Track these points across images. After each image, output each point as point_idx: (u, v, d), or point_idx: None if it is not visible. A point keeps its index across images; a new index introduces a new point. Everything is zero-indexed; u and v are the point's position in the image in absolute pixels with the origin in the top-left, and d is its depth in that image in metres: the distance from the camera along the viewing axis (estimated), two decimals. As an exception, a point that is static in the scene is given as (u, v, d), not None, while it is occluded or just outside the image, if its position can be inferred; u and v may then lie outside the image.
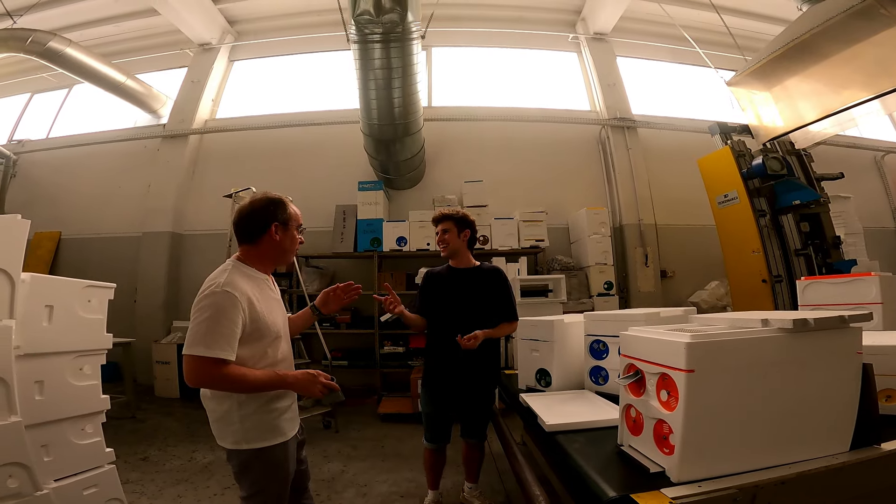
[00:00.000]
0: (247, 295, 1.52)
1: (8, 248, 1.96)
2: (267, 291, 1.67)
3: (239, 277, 1.56)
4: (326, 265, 6.02)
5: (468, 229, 2.66)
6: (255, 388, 1.50)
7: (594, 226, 5.74)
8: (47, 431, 2.06)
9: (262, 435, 1.55)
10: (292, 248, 1.72)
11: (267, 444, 1.55)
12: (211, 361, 1.40)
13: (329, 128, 6.63)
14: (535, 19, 7.35)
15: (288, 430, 1.63)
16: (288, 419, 1.63)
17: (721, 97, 7.13)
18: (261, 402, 1.55)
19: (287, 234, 1.69)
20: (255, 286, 1.60)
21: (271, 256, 1.70)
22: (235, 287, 1.50)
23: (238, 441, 1.53)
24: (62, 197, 6.97)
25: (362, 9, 3.88)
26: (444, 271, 2.72)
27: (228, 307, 1.46)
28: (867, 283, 2.49)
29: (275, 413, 1.58)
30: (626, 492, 1.15)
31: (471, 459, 2.72)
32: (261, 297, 1.60)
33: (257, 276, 1.65)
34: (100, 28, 7.21)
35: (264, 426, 1.56)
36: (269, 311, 1.61)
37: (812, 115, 4.49)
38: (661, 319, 2.11)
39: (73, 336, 2.25)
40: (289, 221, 1.69)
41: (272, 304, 1.66)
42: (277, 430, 1.58)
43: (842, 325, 1.27)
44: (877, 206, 7.44)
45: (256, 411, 1.54)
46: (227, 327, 1.44)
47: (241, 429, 1.53)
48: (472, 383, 2.56)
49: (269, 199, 1.67)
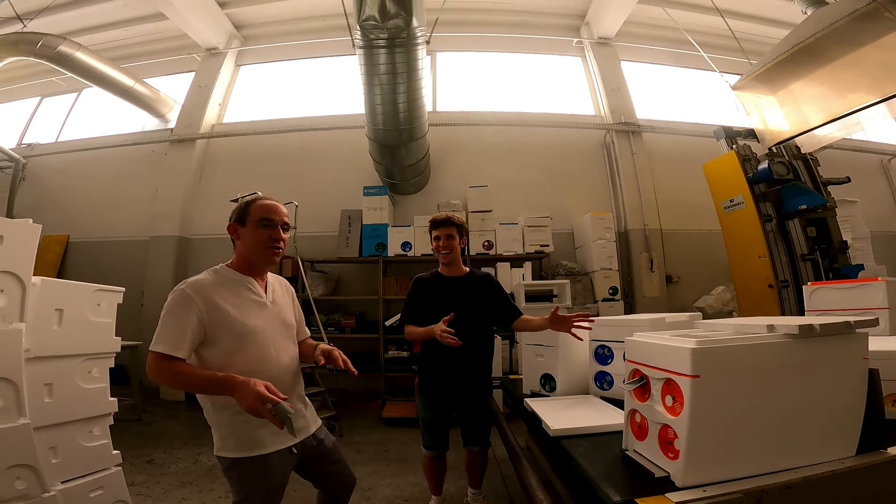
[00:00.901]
0: (207, 294, 1.53)
1: (19, 252, 1.98)
2: (245, 293, 1.65)
3: (209, 277, 1.59)
4: (331, 270, 6.04)
5: (465, 237, 2.65)
6: (196, 385, 1.46)
7: (599, 231, 5.72)
8: (56, 433, 2.08)
9: (237, 444, 1.53)
10: (257, 245, 1.65)
11: (242, 454, 1.52)
12: (157, 357, 1.43)
13: (334, 132, 6.66)
14: (539, 24, 7.37)
15: (268, 442, 1.56)
16: (270, 431, 1.53)
17: (726, 101, 7.11)
18: (234, 410, 1.47)
19: (246, 231, 1.66)
20: (229, 287, 1.61)
21: (244, 256, 1.69)
22: (195, 285, 1.53)
23: (218, 448, 1.55)
24: (71, 200, 7.04)
25: (367, 14, 3.90)
26: (434, 278, 2.65)
27: (179, 304, 1.49)
28: (874, 288, 2.48)
29: (251, 424, 1.51)
30: (630, 496, 1.15)
31: (474, 466, 2.67)
32: (232, 297, 1.59)
33: (237, 276, 1.66)
34: (109, 32, 7.30)
35: (239, 436, 1.53)
36: (243, 312, 1.59)
37: (818, 119, 4.47)
38: (666, 325, 2.11)
39: (83, 339, 2.27)
40: (246, 218, 1.66)
41: (249, 304, 1.63)
42: (254, 441, 1.54)
43: (848, 330, 1.27)
44: (884, 210, 7.38)
45: (231, 420, 1.52)
46: (176, 324, 1.46)
47: (220, 436, 1.54)
48: (468, 388, 2.51)
49: (239, 202, 1.72)
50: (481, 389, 2.56)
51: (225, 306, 1.55)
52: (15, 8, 6.02)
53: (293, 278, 5.32)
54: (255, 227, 1.65)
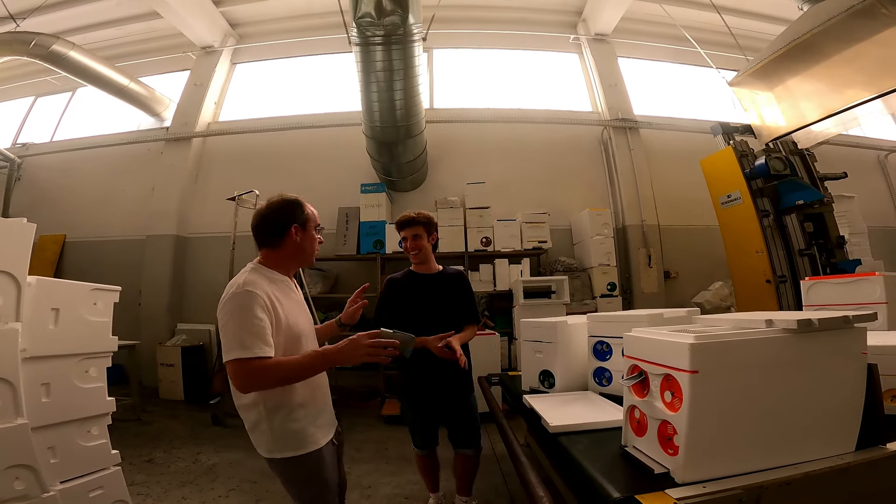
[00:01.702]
0: (268, 294, 1.50)
1: (14, 251, 1.97)
2: (289, 293, 1.65)
3: (259, 278, 1.54)
4: (329, 268, 6.03)
5: (435, 233, 2.63)
6: (300, 373, 1.45)
7: (597, 227, 5.73)
8: (54, 433, 2.07)
9: (292, 444, 1.52)
10: (312, 248, 1.71)
11: (298, 452, 1.52)
12: (251, 362, 1.36)
13: (331, 130, 6.65)
14: (536, 21, 7.36)
15: (320, 437, 1.59)
16: (320, 426, 1.60)
17: (723, 97, 7.12)
18: (287, 410, 1.51)
19: (307, 235, 1.67)
20: (277, 288, 1.58)
21: (292, 258, 1.68)
22: (256, 286, 1.48)
23: (271, 450, 1.52)
24: (67, 200, 7.01)
25: (363, 11, 3.89)
26: (406, 277, 2.65)
27: (252, 305, 1.43)
28: (872, 283, 2.48)
29: (303, 421, 1.54)
30: (630, 493, 1.15)
31: (463, 471, 2.62)
32: (283, 298, 1.58)
33: (278, 278, 1.63)
34: (102, 31, 7.25)
35: (294, 435, 1.53)
36: (292, 312, 1.59)
37: (814, 114, 4.48)
38: (664, 320, 2.11)
39: (79, 339, 2.26)
40: (307, 222, 1.67)
41: (294, 305, 1.65)
42: (308, 438, 1.55)
43: (846, 325, 1.27)
44: (881, 205, 7.41)
45: (285, 420, 1.51)
46: (257, 325, 1.41)
47: (272, 438, 1.51)
48: (447, 388, 2.49)
49: (287, 201, 1.66)
50: (461, 388, 2.54)
51: (282, 308, 1.54)
52: (8, 7, 5.98)
53: (292, 276, 5.31)
54: (314, 232, 1.70)
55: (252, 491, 3.10)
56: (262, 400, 1.50)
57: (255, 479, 3.25)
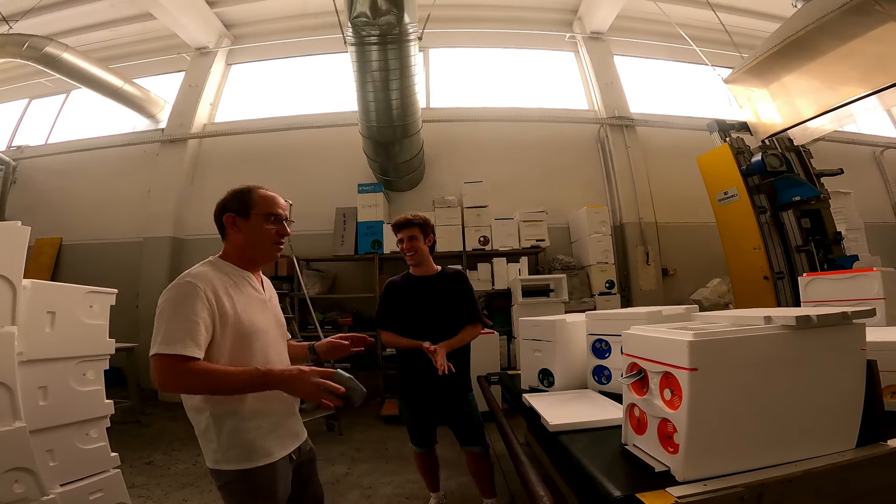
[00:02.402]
0: (213, 286, 1.39)
1: (8, 254, 1.96)
2: (247, 289, 1.51)
3: (210, 270, 1.44)
4: (327, 268, 6.02)
5: (432, 234, 2.62)
6: (230, 385, 1.28)
7: (594, 225, 5.74)
8: (52, 436, 2.07)
9: (242, 455, 1.38)
10: (260, 240, 1.52)
11: (248, 465, 1.37)
12: (172, 359, 1.23)
13: (328, 130, 6.63)
14: (532, 19, 7.36)
15: (275, 449, 1.44)
16: (276, 437, 1.45)
17: (719, 95, 7.12)
18: (238, 418, 1.38)
19: (248, 224, 1.51)
20: (230, 281, 1.47)
21: (242, 251, 1.54)
22: (201, 278, 1.38)
23: (218, 460, 1.38)
24: (63, 203, 6.98)
25: (359, 11, 3.88)
26: (405, 280, 2.65)
27: (189, 298, 1.32)
28: (869, 279, 2.49)
29: (259, 431, 1.40)
30: (631, 491, 1.14)
31: (478, 471, 2.58)
32: (236, 292, 1.46)
33: (235, 272, 1.51)
34: (96, 33, 7.21)
35: (245, 445, 1.38)
36: (246, 308, 1.45)
37: (810, 111, 4.49)
38: (663, 318, 2.11)
39: (76, 342, 2.26)
40: (250, 210, 1.51)
41: (251, 301, 1.50)
42: (261, 450, 1.40)
43: (845, 321, 1.27)
44: (877, 201, 7.44)
45: (236, 428, 1.38)
46: (189, 319, 1.28)
47: (220, 447, 1.37)
48: (445, 389, 2.47)
49: (234, 190, 1.56)
50: (459, 388, 2.53)
51: (232, 303, 1.42)
52: (0, 9, 5.94)
53: (289, 277, 5.30)
54: (262, 222, 1.52)
55: (252, 493, 3.09)
56: (209, 405, 1.37)
57: (255, 480, 3.24)
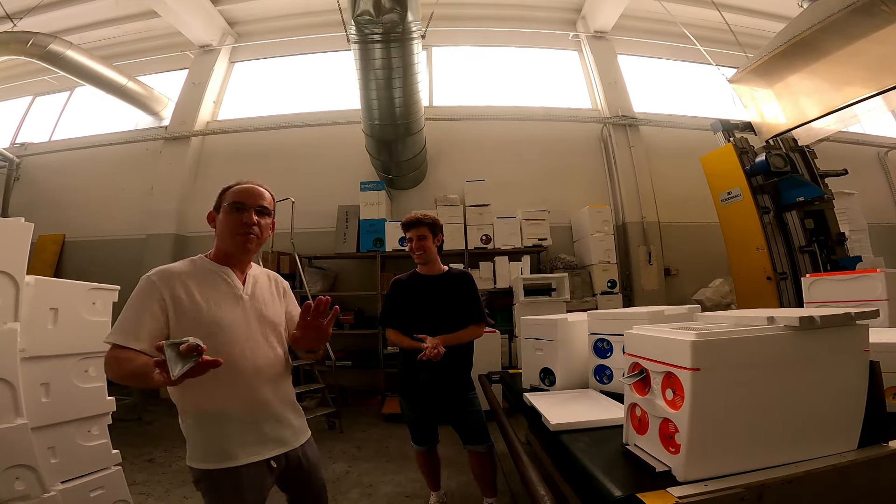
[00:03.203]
0: (174, 282, 1.42)
1: (12, 251, 1.97)
2: (220, 285, 1.51)
3: (180, 265, 1.50)
4: (329, 266, 6.03)
5: (440, 234, 2.62)
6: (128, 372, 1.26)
7: (597, 224, 5.72)
8: (54, 433, 2.07)
9: (204, 454, 1.40)
10: (227, 231, 1.51)
11: (209, 465, 1.39)
12: (111, 348, 1.31)
13: (331, 128, 6.63)
14: (536, 18, 7.34)
15: (240, 454, 1.41)
16: (241, 442, 1.42)
17: (723, 94, 7.10)
18: (200, 417, 1.41)
19: (220, 218, 1.54)
20: (203, 277, 1.49)
21: (218, 245, 1.56)
22: (163, 273, 1.43)
23: (189, 457, 1.42)
24: (66, 199, 6.99)
25: (362, 9, 3.88)
26: (412, 278, 2.65)
27: (142, 292, 1.39)
28: (873, 280, 2.48)
29: (219, 432, 1.40)
30: (632, 491, 1.14)
31: (481, 470, 2.57)
32: (204, 287, 1.46)
33: (213, 267, 1.53)
34: (100, 30, 7.23)
35: (205, 445, 1.40)
36: (216, 303, 1.46)
37: (814, 111, 4.47)
38: (665, 318, 2.10)
39: (78, 338, 2.26)
40: (222, 203, 1.54)
41: (222, 298, 1.49)
42: (224, 453, 1.39)
43: (848, 322, 1.27)
44: (881, 202, 7.41)
45: (198, 428, 1.41)
46: (133, 313, 1.36)
47: (189, 444, 1.42)
48: (447, 388, 2.49)
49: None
50: (462, 387, 2.54)
51: (194, 297, 1.42)
52: (5, 7, 5.96)
53: (291, 275, 5.30)
54: (227, 212, 1.51)
55: (253, 490, 3.10)
56: (179, 399, 1.43)
57: (256, 478, 3.25)
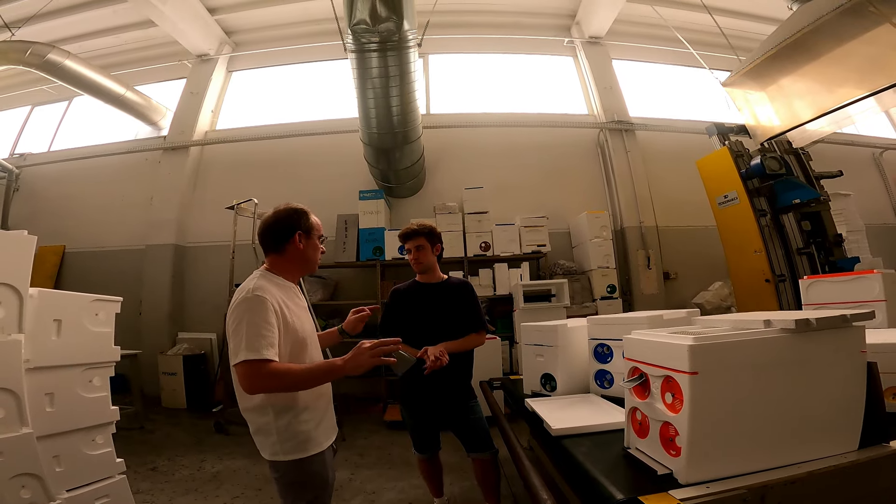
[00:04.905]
0: (276, 297, 1.55)
1: (16, 264, 1.98)
2: (294, 299, 1.70)
3: (268, 284, 1.59)
4: (329, 275, 6.03)
5: (439, 243, 2.62)
6: (309, 382, 1.51)
7: (595, 229, 5.75)
8: (59, 442, 2.08)
9: (298, 446, 1.56)
10: (315, 256, 1.77)
11: (303, 455, 1.56)
12: (259, 364, 1.40)
13: (329, 137, 6.65)
14: (530, 24, 7.39)
15: (323, 440, 1.64)
16: (324, 429, 1.65)
17: (717, 98, 7.15)
18: (294, 412, 1.56)
19: (310, 243, 1.74)
20: (284, 293, 1.64)
21: (296, 264, 1.74)
22: (266, 291, 1.53)
23: (276, 453, 1.55)
24: (65, 210, 6.99)
25: (358, 18, 3.90)
26: (411, 287, 2.65)
27: (262, 310, 1.48)
28: (870, 281, 2.49)
29: (310, 423, 1.59)
30: (634, 494, 1.16)
31: (484, 478, 2.55)
32: (290, 303, 1.63)
33: (285, 283, 1.69)
34: (98, 40, 7.25)
35: (300, 437, 1.56)
36: (298, 318, 1.64)
37: (808, 113, 4.51)
38: (664, 322, 2.11)
39: (82, 349, 2.27)
40: (311, 230, 1.74)
41: (300, 311, 1.70)
42: (313, 441, 1.59)
43: (844, 324, 1.28)
44: (877, 202, 7.44)
45: (292, 423, 1.56)
46: (265, 328, 1.46)
47: (278, 440, 1.55)
48: (448, 396, 2.48)
49: (293, 209, 1.74)
50: (462, 395, 2.53)
51: (289, 313, 1.59)
52: (3, 16, 5.98)
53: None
54: (317, 241, 1.77)
55: (257, 498, 3.10)
56: (269, 403, 1.54)
57: (260, 486, 3.25)
